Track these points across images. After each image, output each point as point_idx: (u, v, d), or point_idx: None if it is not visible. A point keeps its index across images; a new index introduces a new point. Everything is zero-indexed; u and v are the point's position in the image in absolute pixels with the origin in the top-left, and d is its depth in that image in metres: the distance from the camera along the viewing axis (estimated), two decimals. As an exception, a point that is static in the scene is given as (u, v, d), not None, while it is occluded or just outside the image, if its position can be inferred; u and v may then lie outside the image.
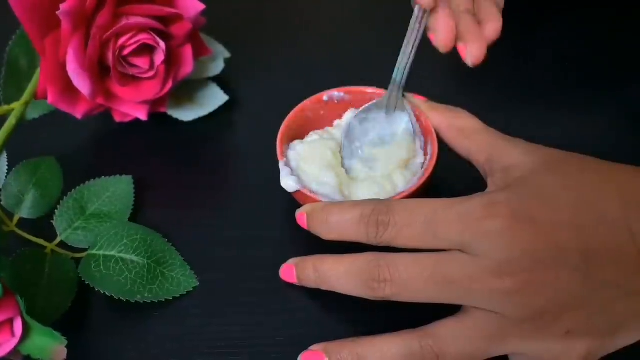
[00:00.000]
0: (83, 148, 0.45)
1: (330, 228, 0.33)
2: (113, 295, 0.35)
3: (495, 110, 0.37)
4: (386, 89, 0.39)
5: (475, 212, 0.29)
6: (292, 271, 0.35)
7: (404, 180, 0.36)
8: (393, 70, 0.38)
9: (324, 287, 0.34)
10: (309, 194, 0.35)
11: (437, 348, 0.30)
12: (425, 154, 0.38)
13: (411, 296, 0.31)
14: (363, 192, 0.36)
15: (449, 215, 0.30)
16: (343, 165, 0.38)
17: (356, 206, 0.32)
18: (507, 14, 0.52)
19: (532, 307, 0.29)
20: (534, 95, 0.47)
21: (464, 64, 0.38)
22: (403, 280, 0.30)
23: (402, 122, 0.39)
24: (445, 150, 0.37)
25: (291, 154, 0.38)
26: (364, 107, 0.39)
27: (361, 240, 0.32)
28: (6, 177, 0.39)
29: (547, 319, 0.29)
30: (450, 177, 0.38)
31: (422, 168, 0.37)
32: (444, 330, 0.30)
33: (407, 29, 0.37)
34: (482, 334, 0.30)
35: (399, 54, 0.38)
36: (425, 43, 0.38)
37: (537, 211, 0.29)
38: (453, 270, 0.29)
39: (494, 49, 0.37)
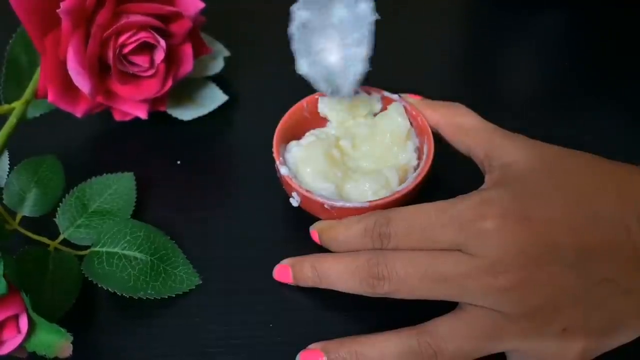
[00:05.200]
0: (83, 147, 0.45)
1: (339, 245, 0.34)
2: (116, 291, 0.35)
3: (493, 109, 0.38)
4: (385, 88, 0.40)
5: (468, 213, 0.30)
6: (288, 271, 0.36)
7: (399, 180, 0.37)
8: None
9: (322, 286, 0.34)
10: (305, 193, 0.36)
11: (435, 345, 0.30)
12: (421, 154, 0.38)
13: (409, 293, 0.31)
14: (359, 193, 0.36)
15: (443, 220, 0.31)
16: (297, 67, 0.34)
17: (360, 221, 0.33)
18: (506, 12, 0.53)
19: (527, 304, 0.29)
20: (532, 94, 0.48)
21: (462, 65, 0.38)
22: (400, 277, 0.31)
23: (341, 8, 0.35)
24: (441, 150, 0.37)
25: (288, 156, 0.38)
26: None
27: None
28: (8, 175, 0.39)
29: (543, 316, 0.29)
30: (448, 176, 0.39)
31: (418, 168, 0.37)
32: (441, 327, 0.31)
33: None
34: (479, 330, 0.30)
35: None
36: (417, 45, 0.38)
37: (531, 209, 0.30)
38: (447, 268, 0.30)
39: (492, 48, 0.37)
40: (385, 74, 0.39)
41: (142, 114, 0.43)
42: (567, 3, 0.53)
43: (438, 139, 0.37)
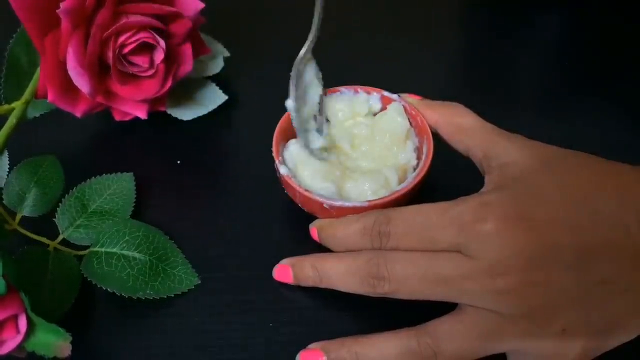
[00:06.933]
0: (83, 147, 0.45)
1: (338, 242, 0.34)
2: (115, 291, 0.35)
3: (492, 110, 0.38)
4: (385, 88, 0.40)
5: (467, 215, 0.30)
6: (288, 271, 0.36)
7: (398, 180, 0.37)
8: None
9: (322, 285, 0.34)
10: (304, 192, 0.36)
11: (435, 345, 0.30)
12: (420, 154, 0.38)
13: (408, 293, 0.31)
14: (358, 192, 0.36)
15: (443, 221, 0.31)
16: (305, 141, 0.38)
17: (359, 220, 0.33)
18: (505, 13, 0.53)
19: (526, 305, 0.29)
20: (532, 95, 0.48)
21: (462, 65, 0.38)
22: (400, 278, 0.31)
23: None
24: (441, 150, 0.37)
25: (287, 154, 0.38)
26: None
27: None
28: (8, 175, 0.39)
29: (543, 317, 0.29)
30: (447, 176, 0.39)
31: (417, 168, 0.37)
32: (441, 327, 0.31)
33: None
34: (479, 331, 0.30)
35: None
36: (417, 46, 0.38)
37: (530, 211, 0.30)
38: (446, 270, 0.30)
39: (492, 49, 0.37)
40: (385, 74, 0.39)
41: (142, 114, 0.43)
42: (567, 4, 0.53)
43: (437, 138, 0.37)
